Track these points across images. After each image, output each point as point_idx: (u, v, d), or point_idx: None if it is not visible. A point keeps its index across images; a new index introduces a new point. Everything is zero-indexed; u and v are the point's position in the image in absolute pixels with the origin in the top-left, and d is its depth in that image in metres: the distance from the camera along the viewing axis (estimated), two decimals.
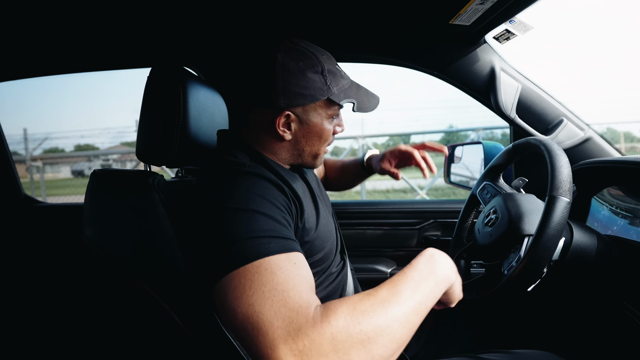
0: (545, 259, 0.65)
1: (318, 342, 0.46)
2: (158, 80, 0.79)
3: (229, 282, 0.52)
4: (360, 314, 0.49)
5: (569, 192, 0.66)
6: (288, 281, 0.51)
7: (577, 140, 1.10)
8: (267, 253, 0.53)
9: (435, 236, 1.38)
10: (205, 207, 0.60)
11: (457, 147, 1.52)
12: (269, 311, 0.48)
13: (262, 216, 0.58)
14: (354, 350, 0.46)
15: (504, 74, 1.09)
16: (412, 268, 0.59)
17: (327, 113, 0.73)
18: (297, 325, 0.47)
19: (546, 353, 0.74)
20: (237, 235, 0.54)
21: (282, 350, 0.45)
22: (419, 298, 0.54)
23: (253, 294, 0.49)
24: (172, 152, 0.78)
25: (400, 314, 0.51)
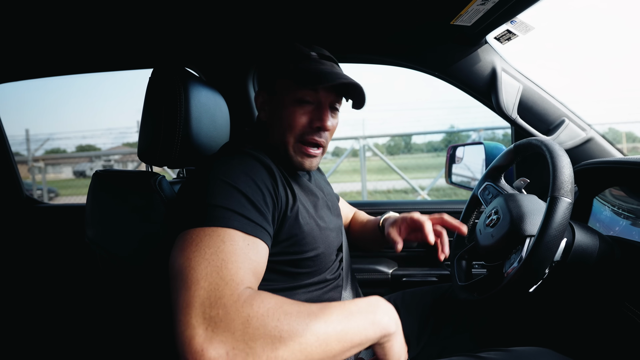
0: (547, 259, 0.65)
1: (231, 317, 0.46)
2: (160, 81, 0.79)
3: (184, 235, 0.54)
4: (284, 313, 0.49)
5: (570, 192, 0.66)
6: (232, 254, 0.52)
7: (579, 141, 1.09)
8: (227, 225, 0.55)
9: None
10: (193, 178, 0.64)
11: (458, 147, 1.52)
12: (201, 271, 0.50)
13: (242, 196, 0.59)
14: (260, 342, 0.46)
15: (505, 75, 1.09)
16: (352, 302, 0.58)
17: (292, 95, 0.73)
18: (219, 294, 0.48)
19: (544, 349, 0.74)
20: (212, 202, 0.57)
21: (195, 310, 0.47)
22: (346, 327, 0.53)
23: (196, 250, 0.52)
24: (174, 152, 0.78)
25: (322, 331, 0.50)
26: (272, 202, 0.65)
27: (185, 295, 0.48)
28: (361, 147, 5.62)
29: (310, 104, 0.74)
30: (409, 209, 1.41)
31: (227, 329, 0.46)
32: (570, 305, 0.92)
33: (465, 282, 0.88)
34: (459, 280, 0.91)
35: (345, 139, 5.89)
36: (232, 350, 0.45)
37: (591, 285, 0.80)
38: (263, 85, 0.79)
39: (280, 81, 0.75)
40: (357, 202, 1.47)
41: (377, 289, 1.33)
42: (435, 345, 0.95)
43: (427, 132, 11.67)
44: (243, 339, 0.46)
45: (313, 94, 0.73)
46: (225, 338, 0.46)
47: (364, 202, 1.52)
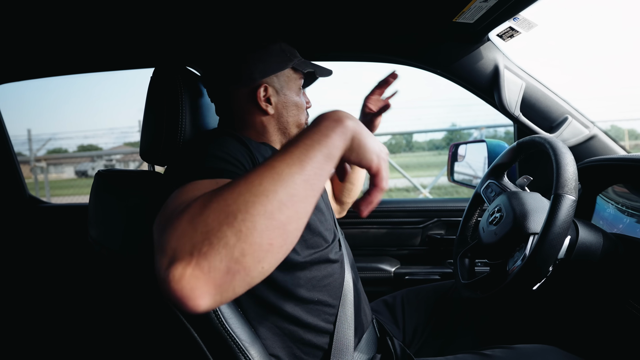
0: (551, 257, 0.65)
1: (176, 224, 0.39)
2: (161, 80, 0.79)
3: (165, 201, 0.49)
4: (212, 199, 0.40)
5: (574, 190, 0.66)
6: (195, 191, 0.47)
7: (582, 138, 1.09)
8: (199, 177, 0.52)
9: (439, 235, 1.38)
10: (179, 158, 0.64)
11: (460, 145, 1.52)
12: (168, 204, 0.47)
13: (218, 159, 0.59)
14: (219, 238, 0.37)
15: (508, 72, 1.09)
16: (297, 140, 0.44)
17: (297, 82, 0.84)
18: (169, 210, 0.45)
19: (548, 347, 0.74)
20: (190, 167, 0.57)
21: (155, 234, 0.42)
22: (303, 175, 0.41)
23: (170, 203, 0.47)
24: (176, 151, 0.78)
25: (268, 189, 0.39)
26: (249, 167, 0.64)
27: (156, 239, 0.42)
28: None
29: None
30: (412, 208, 1.41)
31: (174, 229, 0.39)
32: (574, 303, 0.92)
33: (469, 280, 0.88)
34: (462, 279, 0.91)
35: None
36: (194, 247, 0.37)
37: (595, 282, 0.80)
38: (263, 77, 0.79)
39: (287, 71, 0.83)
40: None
41: (380, 287, 1.33)
42: (438, 342, 0.96)
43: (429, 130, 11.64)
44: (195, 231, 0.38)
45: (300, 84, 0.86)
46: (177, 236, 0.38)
47: None
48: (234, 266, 0.37)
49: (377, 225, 1.40)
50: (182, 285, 0.36)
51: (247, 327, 0.66)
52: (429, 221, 1.38)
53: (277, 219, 0.39)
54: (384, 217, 1.40)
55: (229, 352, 0.63)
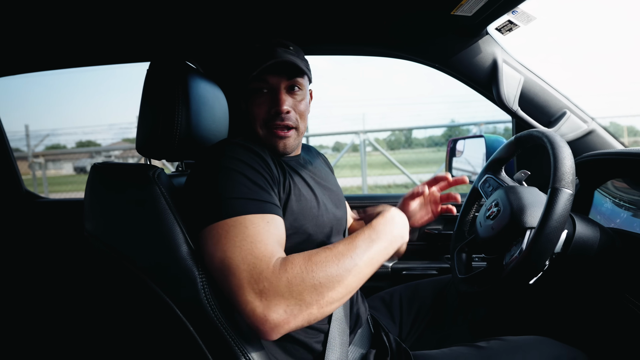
0: (547, 251, 0.65)
1: (275, 285, 0.56)
2: (158, 73, 0.78)
3: (210, 231, 0.62)
4: (315, 264, 0.59)
5: (571, 184, 0.66)
6: (257, 235, 0.60)
7: (580, 133, 1.08)
8: (244, 212, 0.62)
9: (437, 230, 1.38)
10: (199, 170, 0.69)
11: (458, 140, 1.51)
12: (237, 257, 0.58)
13: (249, 182, 0.66)
14: (307, 293, 0.57)
15: (507, 66, 1.08)
16: (371, 228, 0.68)
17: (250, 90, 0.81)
18: (259, 270, 0.57)
19: (543, 338, 0.74)
20: (224, 194, 0.64)
21: (246, 289, 0.56)
22: (371, 254, 0.64)
23: (227, 242, 0.60)
24: (173, 145, 0.77)
25: (352, 265, 0.61)
26: (272, 179, 0.71)
27: (233, 281, 0.57)
28: (361, 141, 5.60)
29: (265, 92, 0.79)
30: None
31: (276, 294, 0.56)
32: (570, 297, 0.92)
33: (466, 275, 0.88)
34: (459, 273, 0.91)
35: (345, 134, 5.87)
36: (287, 308, 0.56)
37: (591, 277, 0.80)
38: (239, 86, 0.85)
39: (240, 80, 0.82)
40: (358, 196, 1.47)
41: (377, 282, 1.33)
42: (434, 336, 0.96)
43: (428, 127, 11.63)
44: (292, 297, 0.56)
45: (263, 83, 0.79)
46: (278, 301, 0.56)
47: (365, 196, 1.51)
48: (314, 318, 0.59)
49: None
50: (278, 325, 0.57)
51: (243, 322, 0.66)
52: None
53: (354, 286, 0.62)
54: None
55: (228, 351, 0.63)
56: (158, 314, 0.67)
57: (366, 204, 1.42)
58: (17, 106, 73.69)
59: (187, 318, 0.64)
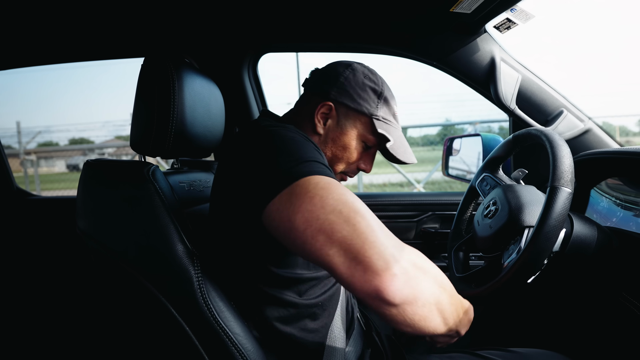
0: (546, 250, 0.65)
1: (401, 247, 0.49)
2: (152, 68, 0.77)
3: (291, 191, 0.50)
4: (431, 265, 0.53)
5: (570, 182, 0.65)
6: (358, 201, 0.51)
7: (577, 132, 1.09)
8: (326, 174, 0.53)
9: (434, 229, 1.38)
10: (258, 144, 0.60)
11: (455, 139, 1.51)
12: (355, 202, 0.50)
13: (314, 149, 0.59)
14: (428, 278, 0.51)
15: (504, 65, 1.08)
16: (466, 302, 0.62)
17: (362, 133, 0.77)
18: (385, 230, 0.50)
19: (550, 352, 0.73)
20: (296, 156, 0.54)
21: (380, 233, 0.48)
22: (454, 312, 0.57)
23: (328, 190, 0.49)
24: (167, 142, 0.76)
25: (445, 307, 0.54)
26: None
27: (362, 223, 0.48)
28: None
29: (368, 148, 0.79)
30: (406, 202, 1.41)
31: (402, 255, 0.48)
32: (567, 297, 0.92)
33: (463, 274, 0.88)
34: (457, 272, 0.91)
35: None
36: (411, 268, 0.48)
37: (589, 276, 0.80)
38: (334, 99, 0.76)
39: (363, 117, 0.76)
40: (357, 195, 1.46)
41: None
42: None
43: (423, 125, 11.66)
44: (414, 266, 0.49)
45: (374, 141, 0.78)
46: (406, 258, 0.49)
47: (361, 195, 1.51)
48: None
49: None
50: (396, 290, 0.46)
51: (240, 322, 0.65)
52: (424, 215, 1.38)
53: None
54: (378, 210, 1.40)
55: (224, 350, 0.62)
56: (153, 313, 0.66)
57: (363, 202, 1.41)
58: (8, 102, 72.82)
59: (183, 317, 0.63)
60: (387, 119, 0.77)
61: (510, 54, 1.09)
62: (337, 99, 0.75)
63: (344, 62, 0.79)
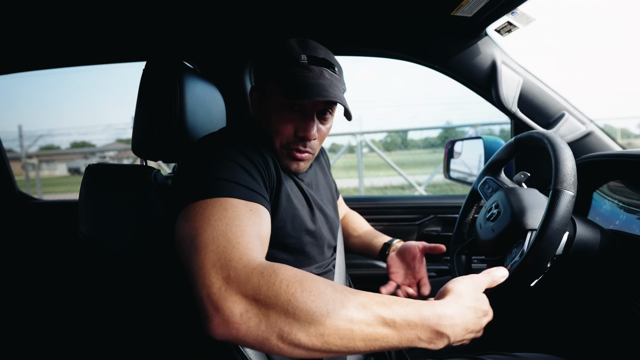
0: (549, 253, 0.64)
1: (242, 280, 0.47)
2: (154, 72, 0.77)
3: (188, 209, 0.56)
4: (301, 289, 0.46)
5: (573, 185, 0.65)
6: (235, 219, 0.54)
7: (579, 135, 1.08)
8: (229, 195, 0.57)
9: (436, 232, 1.37)
10: (194, 153, 0.65)
11: (456, 142, 1.51)
12: (207, 235, 0.51)
13: (240, 168, 0.62)
14: (274, 312, 0.45)
15: (506, 67, 1.08)
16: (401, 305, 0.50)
17: (278, 100, 0.71)
18: (228, 256, 0.49)
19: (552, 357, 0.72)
20: (212, 175, 0.59)
21: (208, 270, 0.48)
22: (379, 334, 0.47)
23: (201, 219, 0.54)
24: (169, 146, 0.76)
25: (344, 327, 0.46)
26: (267, 178, 0.67)
27: (197, 259, 0.50)
28: (358, 143, 5.60)
29: (296, 111, 0.72)
30: (408, 204, 1.41)
31: (239, 291, 0.46)
32: (571, 301, 0.91)
33: None
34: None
35: (341, 135, 5.87)
36: (246, 313, 0.45)
37: (593, 279, 0.80)
38: (256, 83, 0.79)
39: (270, 83, 0.73)
40: (356, 198, 1.46)
41: (374, 285, 1.32)
42: None
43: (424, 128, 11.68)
44: (256, 305, 0.46)
45: (279, 94, 0.72)
46: (238, 299, 0.46)
47: (364, 198, 1.50)
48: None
49: (373, 222, 1.39)
50: (228, 322, 0.45)
51: None
52: (425, 218, 1.37)
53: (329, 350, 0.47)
54: (380, 213, 1.39)
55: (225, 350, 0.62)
56: (153, 314, 0.66)
57: (365, 205, 1.41)
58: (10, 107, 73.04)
59: (182, 319, 0.63)
60: (291, 71, 0.70)
61: (512, 56, 1.09)
62: (255, 82, 0.79)
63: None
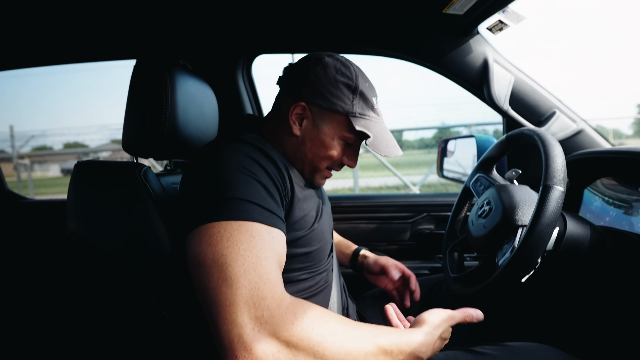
0: (539, 248, 0.65)
1: (276, 321, 0.47)
2: (145, 68, 0.77)
3: (208, 229, 0.52)
4: (329, 330, 0.50)
5: (563, 181, 0.66)
6: (263, 250, 0.52)
7: (570, 133, 1.09)
8: (253, 219, 0.54)
9: (429, 230, 1.38)
10: (203, 166, 0.61)
11: (449, 141, 1.52)
12: (239, 268, 0.49)
13: (257, 184, 0.58)
14: (303, 354, 0.47)
15: (497, 66, 1.08)
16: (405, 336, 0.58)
17: (340, 131, 0.73)
18: (261, 294, 0.48)
19: (543, 345, 0.73)
20: (229, 193, 0.55)
21: (241, 308, 0.47)
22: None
23: (229, 246, 0.50)
24: (160, 143, 0.75)
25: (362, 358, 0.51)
26: (283, 192, 0.65)
27: (227, 293, 0.48)
28: None
29: (350, 145, 0.76)
30: (401, 203, 1.41)
31: (273, 332, 0.47)
32: (562, 296, 0.92)
33: (458, 274, 0.88)
34: (452, 272, 0.91)
35: None
36: (278, 354, 0.46)
37: (583, 275, 0.80)
38: (308, 98, 0.72)
39: (338, 116, 0.72)
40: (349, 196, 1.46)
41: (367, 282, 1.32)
42: None
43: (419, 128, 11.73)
44: (287, 346, 0.47)
45: (355, 137, 0.73)
46: (271, 340, 0.46)
47: (357, 196, 1.50)
48: None
49: (366, 220, 1.39)
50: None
51: None
52: (418, 216, 1.38)
53: None
54: (374, 212, 1.40)
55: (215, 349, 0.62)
56: (143, 313, 0.65)
57: (358, 204, 1.41)
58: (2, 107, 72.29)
59: (173, 318, 0.63)
60: (365, 114, 0.73)
61: (503, 55, 1.10)
62: (309, 99, 0.71)
63: (314, 57, 0.74)
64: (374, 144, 0.71)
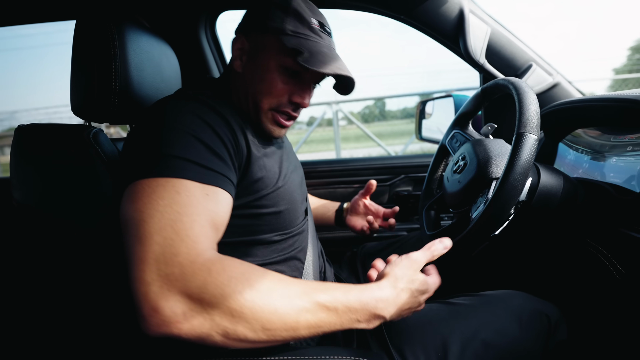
0: (512, 198, 0.63)
1: (187, 278, 0.44)
2: (88, 25, 0.69)
3: (135, 186, 0.50)
4: (249, 286, 0.46)
5: (536, 129, 0.64)
6: (187, 206, 0.49)
7: (546, 86, 1.07)
8: (182, 176, 0.51)
9: (407, 191, 1.37)
10: (145, 123, 0.58)
11: (427, 102, 1.49)
12: (154, 224, 0.47)
13: (200, 144, 0.55)
14: (219, 311, 0.45)
15: (473, 17, 1.04)
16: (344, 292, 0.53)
17: (275, 55, 0.66)
18: (174, 250, 0.45)
19: (514, 292, 0.75)
20: (166, 151, 0.53)
21: (150, 265, 0.45)
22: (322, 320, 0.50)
23: (148, 202, 0.48)
24: (112, 105, 0.70)
25: (291, 319, 0.47)
26: (234, 151, 0.60)
27: (138, 250, 0.46)
28: (334, 113, 5.52)
29: (295, 75, 0.68)
30: (379, 165, 1.39)
31: (183, 290, 0.44)
32: (535, 246, 0.93)
33: (434, 231, 0.87)
34: (428, 230, 0.90)
35: (316, 105, 5.76)
36: (190, 312, 0.44)
37: (555, 223, 0.80)
38: (246, 30, 0.70)
39: (270, 37, 0.66)
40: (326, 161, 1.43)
41: (345, 247, 1.31)
42: None
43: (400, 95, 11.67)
44: (200, 304, 0.44)
45: (302, 68, 0.67)
46: (181, 298, 0.44)
47: (334, 160, 1.47)
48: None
49: (344, 185, 1.37)
50: (166, 323, 0.44)
51: None
52: (396, 178, 1.36)
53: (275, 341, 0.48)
54: (351, 175, 1.37)
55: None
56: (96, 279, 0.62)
57: (335, 168, 1.38)
58: None
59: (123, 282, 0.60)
60: (301, 32, 0.66)
61: (479, 5, 1.05)
62: (246, 30, 0.69)
63: None
64: (307, 60, 0.62)
